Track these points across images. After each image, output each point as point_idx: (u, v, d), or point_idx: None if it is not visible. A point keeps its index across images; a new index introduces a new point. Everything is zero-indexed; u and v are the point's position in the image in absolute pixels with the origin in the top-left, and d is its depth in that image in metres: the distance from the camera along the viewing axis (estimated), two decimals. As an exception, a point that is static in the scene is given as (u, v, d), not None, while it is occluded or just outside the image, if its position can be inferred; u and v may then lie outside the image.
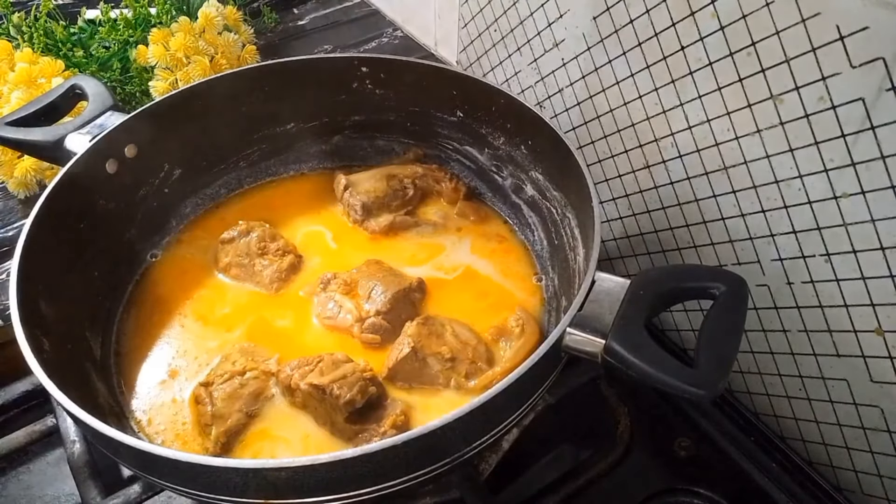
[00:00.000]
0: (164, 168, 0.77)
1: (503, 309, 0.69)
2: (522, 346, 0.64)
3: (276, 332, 0.68)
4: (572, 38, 0.74)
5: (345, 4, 1.26)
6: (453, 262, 0.75)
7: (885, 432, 0.57)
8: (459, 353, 0.63)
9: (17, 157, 0.86)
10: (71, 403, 0.47)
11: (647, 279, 0.52)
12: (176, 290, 0.72)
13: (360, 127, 0.84)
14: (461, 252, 0.76)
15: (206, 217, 0.80)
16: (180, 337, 0.68)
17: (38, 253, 0.59)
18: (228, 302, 0.71)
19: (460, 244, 0.77)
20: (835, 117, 0.51)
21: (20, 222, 0.86)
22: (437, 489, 0.59)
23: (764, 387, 0.67)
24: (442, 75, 0.77)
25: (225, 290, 0.72)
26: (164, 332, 0.68)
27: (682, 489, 0.62)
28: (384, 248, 0.76)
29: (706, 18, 0.58)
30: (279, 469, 0.44)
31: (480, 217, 0.79)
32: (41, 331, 0.55)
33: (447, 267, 0.74)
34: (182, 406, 0.62)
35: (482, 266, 0.74)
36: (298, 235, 0.77)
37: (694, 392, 0.45)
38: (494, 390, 0.46)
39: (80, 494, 0.60)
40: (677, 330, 0.74)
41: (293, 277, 0.73)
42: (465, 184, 0.81)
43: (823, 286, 0.58)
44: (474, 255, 0.75)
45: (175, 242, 0.77)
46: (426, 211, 0.80)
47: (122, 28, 0.98)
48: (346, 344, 0.66)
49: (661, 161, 0.68)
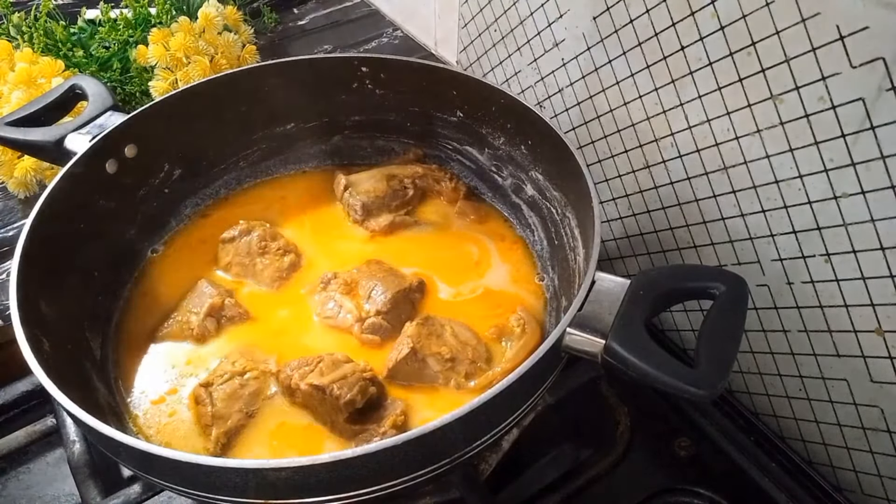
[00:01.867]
0: (164, 168, 0.77)
1: (504, 309, 0.69)
2: (523, 346, 0.64)
3: (275, 332, 0.68)
4: (572, 38, 0.74)
5: (345, 4, 1.26)
6: (453, 262, 0.75)
7: (885, 432, 0.57)
8: (459, 353, 0.63)
9: (17, 157, 0.86)
10: (71, 403, 0.47)
11: (647, 279, 0.52)
12: (176, 290, 0.72)
13: (360, 127, 0.84)
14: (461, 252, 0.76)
15: (206, 217, 0.80)
16: (179, 337, 0.68)
17: (38, 253, 0.59)
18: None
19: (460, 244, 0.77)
20: (835, 117, 0.51)
21: (20, 222, 0.86)
22: (437, 489, 0.59)
23: (764, 387, 0.67)
24: (442, 75, 0.77)
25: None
26: (162, 331, 0.68)
27: (682, 489, 0.62)
28: (384, 248, 0.75)
29: (706, 18, 0.58)
30: (279, 469, 0.44)
31: (480, 217, 0.79)
32: (41, 331, 0.55)
33: (447, 267, 0.74)
34: (182, 406, 0.62)
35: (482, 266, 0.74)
36: (299, 235, 0.77)
37: (694, 392, 0.45)
38: (494, 390, 0.46)
39: (80, 494, 0.60)
40: (677, 330, 0.74)
41: (293, 277, 0.73)
42: (465, 184, 0.81)
43: (823, 286, 0.58)
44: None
45: (175, 242, 0.77)
46: (426, 211, 0.80)
47: (122, 28, 0.98)
48: (347, 344, 0.66)
49: (661, 161, 0.68)
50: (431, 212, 0.80)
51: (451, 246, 0.76)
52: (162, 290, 0.72)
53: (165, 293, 0.72)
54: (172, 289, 0.72)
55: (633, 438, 0.66)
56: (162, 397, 0.63)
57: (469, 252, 0.75)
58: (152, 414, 0.62)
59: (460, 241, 0.77)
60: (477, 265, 0.74)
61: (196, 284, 0.70)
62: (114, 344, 0.68)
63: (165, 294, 0.72)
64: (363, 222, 0.78)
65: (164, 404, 0.62)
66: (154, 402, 0.63)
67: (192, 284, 0.71)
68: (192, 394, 0.62)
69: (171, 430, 0.61)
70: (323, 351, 0.62)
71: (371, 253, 0.74)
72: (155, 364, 0.66)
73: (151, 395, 0.63)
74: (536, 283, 0.73)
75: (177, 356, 0.66)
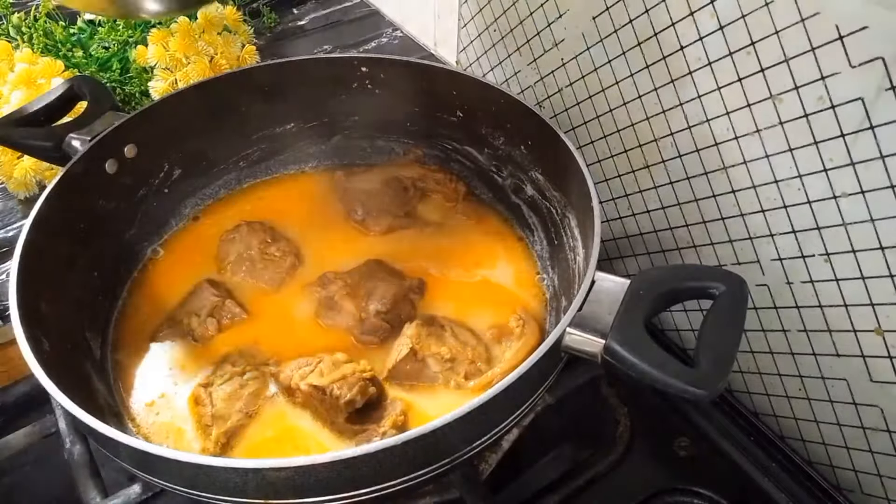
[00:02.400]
0: (164, 168, 0.77)
1: (504, 309, 0.69)
2: (523, 346, 0.64)
3: (275, 332, 0.68)
4: (572, 37, 0.74)
5: (345, 4, 1.26)
6: (453, 262, 0.75)
7: (884, 432, 0.57)
8: (459, 353, 0.63)
9: (17, 157, 0.86)
10: (71, 403, 0.47)
11: (647, 279, 0.52)
12: (176, 290, 0.72)
13: (360, 127, 0.84)
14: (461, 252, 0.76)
15: (207, 217, 0.80)
16: (179, 337, 0.68)
17: (38, 253, 0.59)
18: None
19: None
20: (834, 117, 0.51)
21: (20, 222, 0.86)
22: (437, 489, 0.59)
23: (764, 387, 0.67)
24: (442, 75, 0.76)
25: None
26: (163, 332, 0.68)
27: (682, 489, 0.62)
28: (384, 248, 0.75)
29: (706, 18, 0.58)
30: (279, 469, 0.44)
31: (480, 217, 0.79)
32: (41, 331, 0.55)
33: (447, 267, 0.74)
34: (181, 407, 0.62)
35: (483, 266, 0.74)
36: (299, 235, 0.77)
37: (694, 392, 0.45)
38: (494, 390, 0.46)
39: (80, 494, 0.60)
40: (677, 330, 0.74)
41: (293, 277, 0.73)
42: (464, 184, 0.81)
43: (823, 286, 0.58)
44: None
45: (175, 242, 0.77)
46: (426, 211, 0.80)
47: (121, 28, 0.98)
48: (346, 344, 0.66)
49: (660, 161, 0.68)
50: (431, 212, 0.80)
51: (451, 246, 0.76)
52: (162, 291, 0.72)
53: (165, 293, 0.72)
54: (172, 289, 0.72)
55: (633, 438, 0.66)
56: (163, 395, 0.63)
57: (469, 252, 0.75)
58: (152, 414, 0.62)
59: (460, 242, 0.77)
60: (477, 265, 0.74)
61: (196, 285, 0.70)
62: (113, 344, 0.68)
63: (165, 294, 0.72)
64: (363, 222, 0.78)
65: (164, 404, 0.62)
66: (153, 403, 0.63)
67: (192, 285, 0.71)
68: (191, 394, 0.62)
69: (170, 431, 0.61)
70: (323, 351, 0.62)
71: (371, 253, 0.74)
72: (155, 364, 0.66)
73: (151, 396, 0.63)
74: (536, 283, 0.73)
75: (176, 357, 0.66)
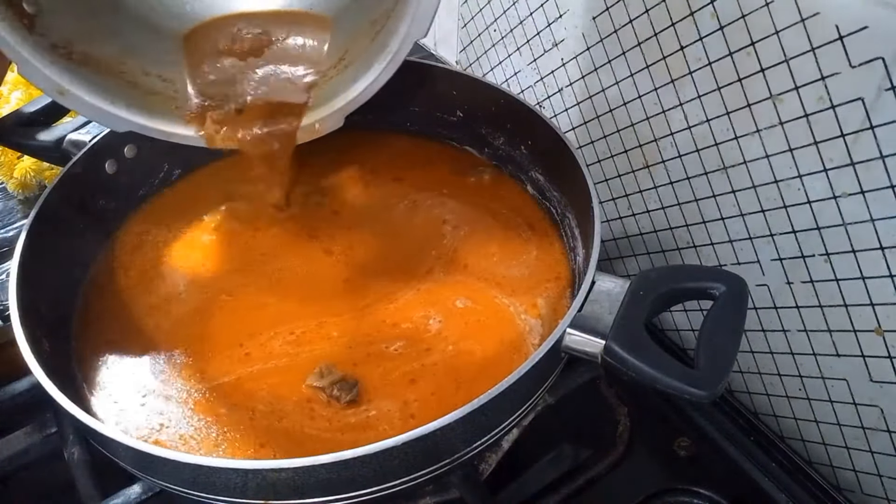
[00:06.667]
0: (164, 168, 0.77)
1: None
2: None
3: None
4: (572, 38, 0.74)
5: (344, 4, 1.25)
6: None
7: (884, 432, 0.58)
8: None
9: (17, 157, 0.86)
10: (71, 404, 0.47)
11: (647, 279, 0.52)
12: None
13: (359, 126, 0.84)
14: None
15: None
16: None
17: (38, 253, 0.59)
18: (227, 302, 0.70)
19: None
20: (834, 117, 0.51)
21: (20, 222, 0.86)
22: (437, 489, 0.59)
23: (764, 387, 0.67)
24: (442, 75, 0.76)
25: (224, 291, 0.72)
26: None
27: (682, 489, 0.62)
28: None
29: (705, 18, 0.58)
30: (279, 470, 0.44)
31: (480, 217, 0.79)
32: (41, 331, 0.55)
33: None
34: (180, 406, 0.62)
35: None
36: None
37: (694, 393, 0.45)
38: (494, 390, 0.46)
39: (80, 494, 0.60)
40: (677, 330, 0.74)
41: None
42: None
43: (823, 286, 0.58)
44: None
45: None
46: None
47: (121, 28, 0.98)
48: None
49: (660, 161, 0.68)
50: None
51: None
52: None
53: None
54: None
55: (633, 438, 0.65)
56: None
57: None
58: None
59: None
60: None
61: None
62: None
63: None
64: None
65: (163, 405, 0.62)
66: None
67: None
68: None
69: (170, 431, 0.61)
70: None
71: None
72: (154, 364, 0.65)
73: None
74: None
75: (176, 356, 0.66)
